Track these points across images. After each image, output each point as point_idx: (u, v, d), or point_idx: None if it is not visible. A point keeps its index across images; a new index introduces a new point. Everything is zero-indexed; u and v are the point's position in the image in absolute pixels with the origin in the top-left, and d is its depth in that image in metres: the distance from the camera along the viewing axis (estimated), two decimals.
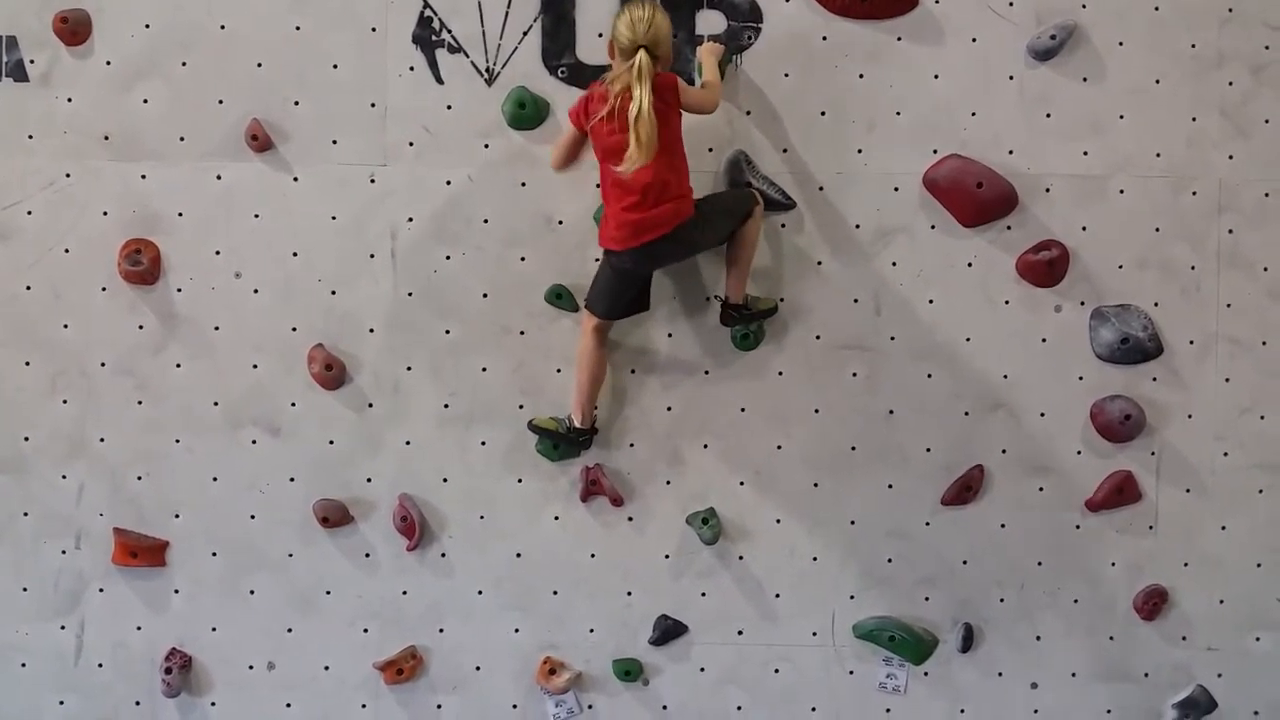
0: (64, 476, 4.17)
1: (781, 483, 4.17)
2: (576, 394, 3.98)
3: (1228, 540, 4.20)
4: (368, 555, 4.17)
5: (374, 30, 4.10)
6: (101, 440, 4.16)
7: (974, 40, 4.10)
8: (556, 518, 4.17)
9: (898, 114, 4.11)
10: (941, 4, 4.09)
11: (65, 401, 4.15)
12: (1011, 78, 4.11)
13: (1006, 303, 4.14)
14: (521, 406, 4.13)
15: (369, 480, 4.15)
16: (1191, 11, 4.08)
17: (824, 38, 4.08)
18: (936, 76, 4.11)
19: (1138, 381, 4.16)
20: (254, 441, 4.16)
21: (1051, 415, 4.16)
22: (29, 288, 4.13)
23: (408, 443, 4.15)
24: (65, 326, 4.14)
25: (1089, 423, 4.15)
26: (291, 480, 4.16)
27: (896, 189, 4.12)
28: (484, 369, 4.14)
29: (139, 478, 4.17)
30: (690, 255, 3.94)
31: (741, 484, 4.17)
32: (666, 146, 3.63)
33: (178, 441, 4.17)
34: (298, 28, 4.10)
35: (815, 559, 4.18)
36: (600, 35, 4.04)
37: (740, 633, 4.21)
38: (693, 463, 4.17)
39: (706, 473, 4.17)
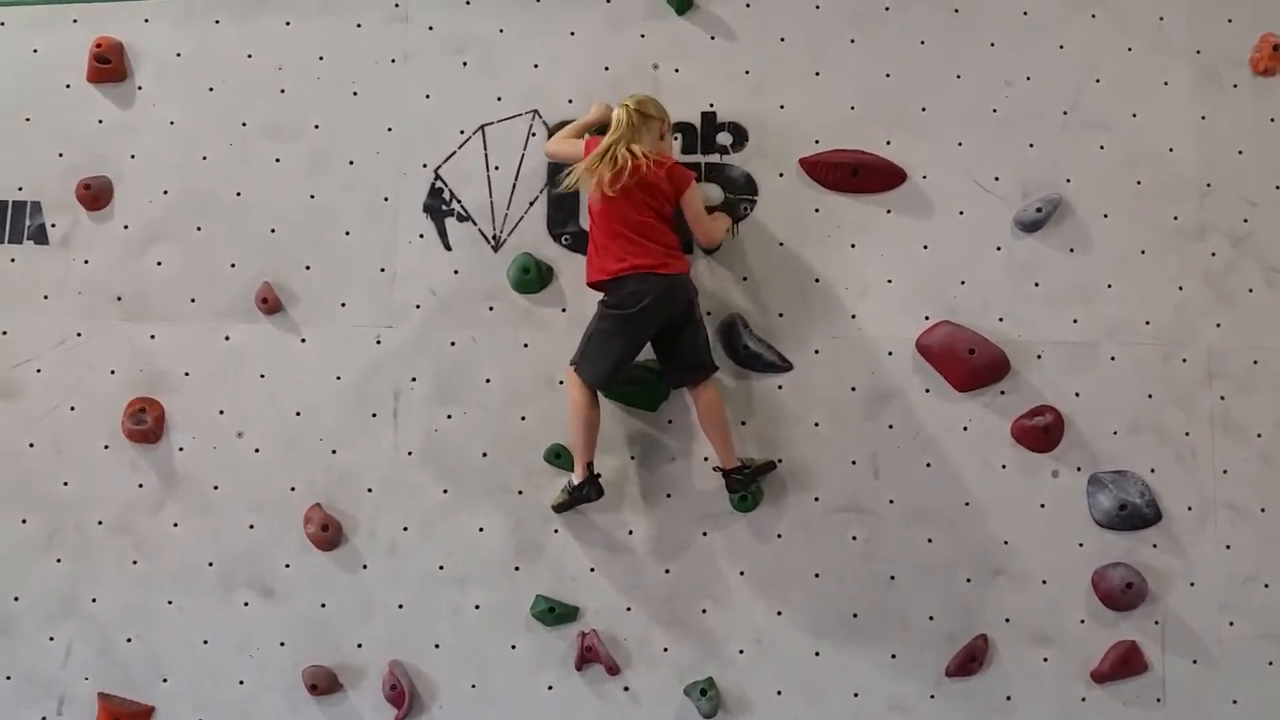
0: (51, 638, 3.76)
1: (782, 651, 3.74)
2: (574, 448, 3.60)
3: (1240, 715, 3.74)
4: None
5: (386, 199, 3.91)
6: (93, 600, 3.77)
7: (961, 213, 3.88)
8: (550, 687, 3.72)
9: (889, 281, 3.86)
10: (929, 179, 3.89)
11: (59, 560, 3.78)
12: (999, 248, 3.88)
13: (1004, 467, 3.77)
14: (517, 568, 3.73)
15: (359, 645, 3.74)
16: (1172, 185, 3.89)
17: (816, 209, 3.87)
18: (926, 247, 3.88)
19: (1138, 548, 3.77)
20: (246, 603, 3.76)
21: (1053, 582, 3.76)
22: (32, 445, 3.82)
23: (400, 606, 3.74)
24: (65, 484, 3.81)
25: (1091, 590, 3.75)
26: (282, 644, 3.74)
27: (890, 353, 3.82)
28: (480, 529, 3.75)
29: (129, 639, 3.77)
30: (676, 314, 3.52)
31: (741, 652, 3.73)
32: (653, 227, 3.50)
33: (170, 602, 3.77)
34: (312, 196, 3.90)
35: None
36: None
37: None
38: (691, 628, 3.75)
39: (705, 639, 3.74)
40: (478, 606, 3.73)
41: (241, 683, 3.71)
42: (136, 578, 3.76)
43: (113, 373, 3.82)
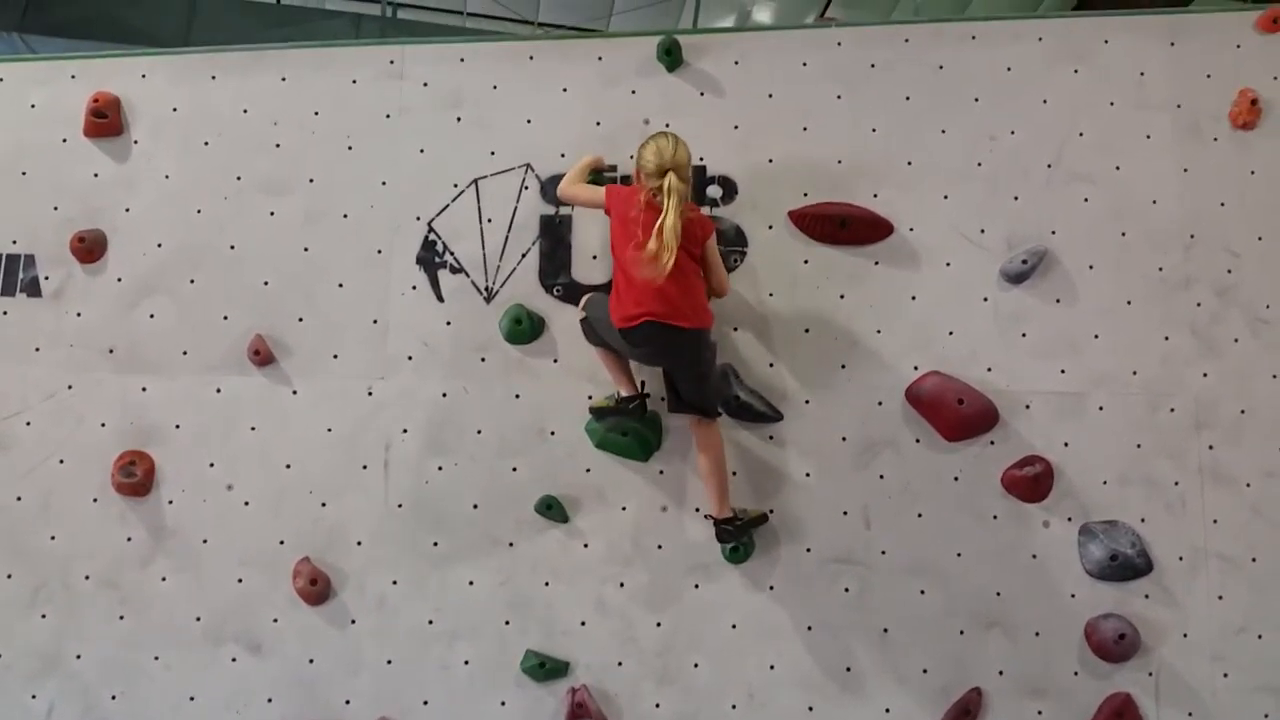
0: (34, 696, 3.63)
1: (775, 706, 3.63)
2: (610, 375, 3.64)
3: None
4: None
5: (379, 252, 3.86)
6: (78, 657, 3.66)
7: (948, 264, 3.85)
8: None
9: (878, 332, 3.81)
10: (916, 231, 3.86)
11: (44, 615, 3.67)
12: (986, 299, 3.84)
13: (995, 518, 3.70)
14: (508, 622, 3.64)
15: (347, 702, 3.63)
16: (1156, 237, 3.86)
17: (805, 261, 3.84)
18: (914, 298, 3.84)
19: (1130, 599, 3.69)
20: (234, 659, 3.65)
21: (1046, 634, 3.67)
22: (20, 498, 3.72)
23: (389, 661, 3.63)
24: (52, 538, 3.70)
25: (1084, 642, 3.65)
26: (269, 701, 3.63)
27: (880, 403, 3.76)
28: (471, 582, 3.66)
29: (113, 697, 3.65)
30: (677, 364, 3.48)
31: (734, 707, 3.63)
32: (685, 273, 3.37)
33: (156, 658, 3.65)
34: (306, 249, 3.83)
35: None
36: (595, 258, 3.81)
37: None
38: (683, 683, 3.65)
39: (697, 694, 3.64)
40: (467, 662, 3.63)
41: None
42: (123, 633, 3.65)
43: (103, 425, 3.74)
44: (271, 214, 3.85)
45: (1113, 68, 3.92)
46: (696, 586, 3.67)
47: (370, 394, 3.76)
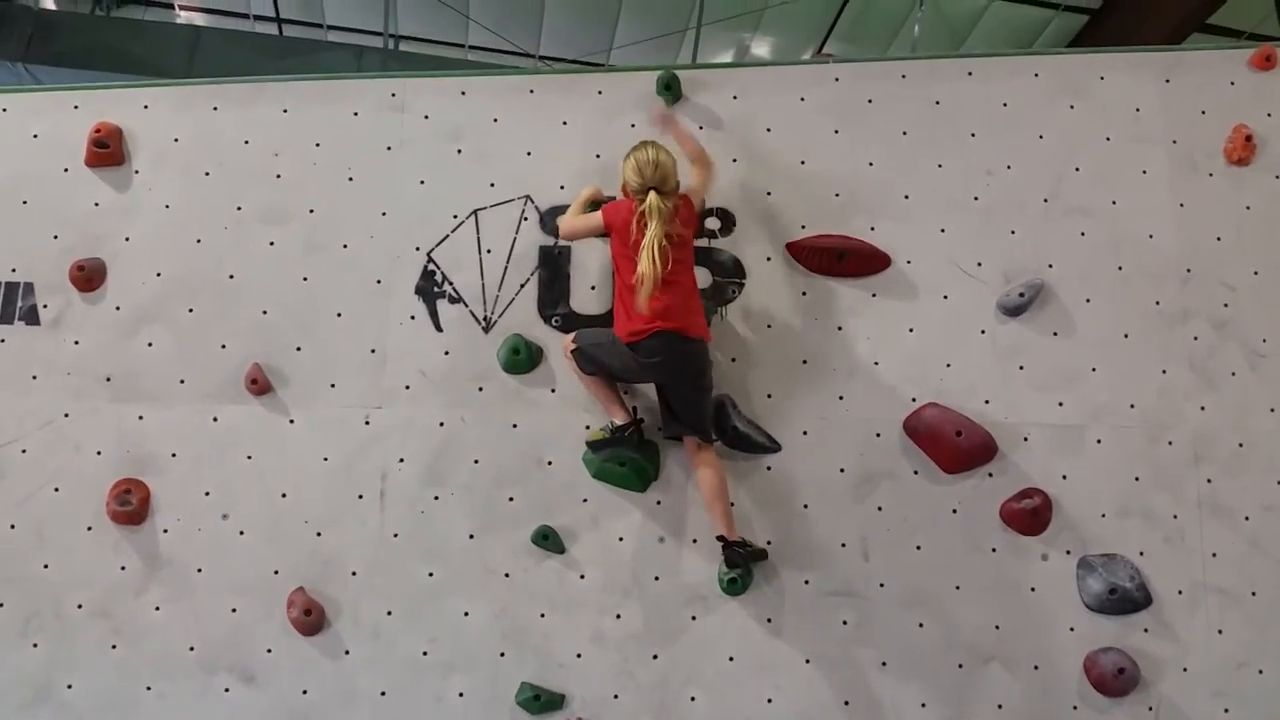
0: None
1: None
2: (602, 405, 3.65)
3: None
4: None
5: (379, 282, 3.86)
6: (69, 687, 3.61)
7: (945, 297, 3.85)
8: None
9: (876, 363, 3.82)
10: (913, 264, 3.87)
11: (35, 645, 3.62)
12: (983, 331, 3.84)
13: (994, 550, 3.68)
14: (503, 654, 3.59)
15: None
16: (1153, 270, 3.88)
17: (804, 293, 3.84)
18: (911, 330, 3.84)
19: (1129, 633, 3.67)
20: (227, 690, 3.61)
21: (1045, 668, 3.64)
22: (13, 526, 3.69)
23: (383, 693, 3.59)
24: (45, 566, 3.66)
25: (1083, 676, 3.62)
26: None
27: (878, 435, 3.75)
28: (466, 613, 3.62)
29: None
30: (682, 378, 3.50)
31: None
32: (685, 287, 3.47)
33: (149, 689, 3.60)
34: (305, 279, 3.83)
35: None
36: (593, 288, 3.82)
37: None
38: (680, 716, 3.61)
39: None
40: (461, 694, 3.58)
41: None
42: (115, 663, 3.60)
43: (99, 454, 3.71)
44: (271, 244, 3.86)
45: (1109, 103, 3.96)
46: (694, 618, 3.64)
47: (367, 423, 3.75)
